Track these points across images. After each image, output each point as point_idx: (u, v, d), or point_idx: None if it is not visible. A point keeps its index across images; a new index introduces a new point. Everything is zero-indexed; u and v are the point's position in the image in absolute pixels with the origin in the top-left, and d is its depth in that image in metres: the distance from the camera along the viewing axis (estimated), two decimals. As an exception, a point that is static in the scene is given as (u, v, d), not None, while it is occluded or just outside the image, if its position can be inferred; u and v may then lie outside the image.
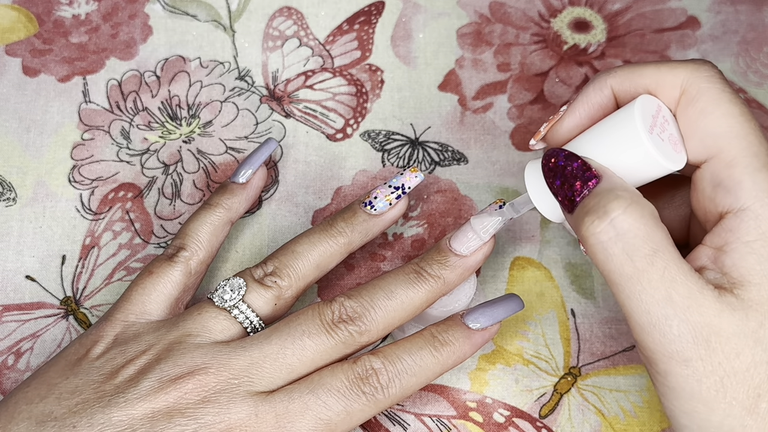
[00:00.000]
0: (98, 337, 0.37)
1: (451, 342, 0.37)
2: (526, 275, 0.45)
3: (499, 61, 0.50)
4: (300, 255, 0.40)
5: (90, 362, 0.36)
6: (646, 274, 0.31)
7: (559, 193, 0.34)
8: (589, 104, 0.37)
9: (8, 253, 0.44)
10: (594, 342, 0.43)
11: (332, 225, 0.41)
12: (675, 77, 0.34)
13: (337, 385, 0.36)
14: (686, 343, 0.31)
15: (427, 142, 0.48)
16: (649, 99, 0.35)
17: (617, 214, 0.32)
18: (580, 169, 0.34)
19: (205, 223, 0.41)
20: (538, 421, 0.42)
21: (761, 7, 0.52)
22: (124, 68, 0.49)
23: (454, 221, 0.46)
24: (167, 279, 0.39)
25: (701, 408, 0.32)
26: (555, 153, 0.35)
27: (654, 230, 0.32)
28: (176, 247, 0.40)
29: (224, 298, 0.38)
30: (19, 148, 0.47)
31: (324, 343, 0.37)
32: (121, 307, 0.38)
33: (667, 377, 0.32)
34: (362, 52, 0.50)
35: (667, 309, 0.31)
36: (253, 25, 0.51)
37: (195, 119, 0.48)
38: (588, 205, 0.33)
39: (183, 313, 0.38)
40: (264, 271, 0.39)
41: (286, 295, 0.39)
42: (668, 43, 0.51)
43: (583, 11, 0.51)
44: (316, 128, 0.48)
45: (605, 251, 0.32)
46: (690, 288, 0.31)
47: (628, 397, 0.42)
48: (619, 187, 0.33)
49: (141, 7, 0.51)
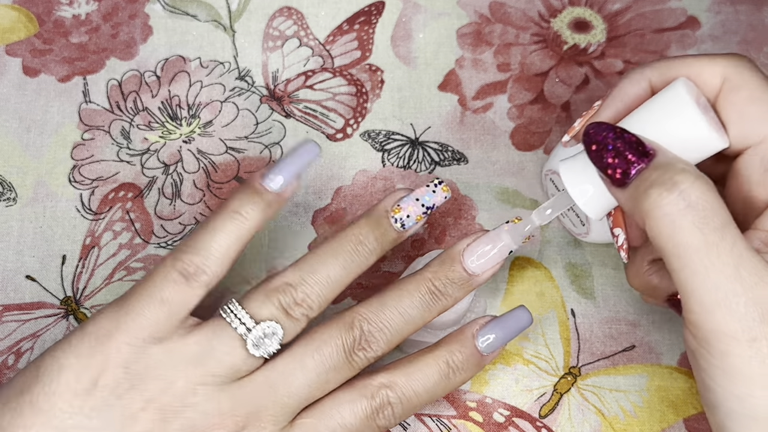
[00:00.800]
0: (104, 362, 0.34)
1: (464, 370, 0.38)
2: (526, 275, 0.45)
3: (499, 61, 0.50)
4: (334, 282, 0.37)
5: (103, 397, 0.34)
6: (716, 248, 0.30)
7: (610, 167, 0.33)
8: (627, 97, 0.36)
9: (8, 253, 0.44)
10: (594, 342, 0.44)
11: (364, 244, 0.38)
12: (715, 67, 0.35)
13: (355, 421, 0.36)
14: (753, 321, 0.30)
15: (427, 142, 0.48)
16: (690, 83, 0.35)
17: (686, 185, 0.31)
18: (635, 143, 0.33)
19: (230, 238, 0.36)
20: (538, 421, 0.42)
21: (761, 7, 0.52)
22: (125, 68, 0.49)
23: (454, 221, 0.46)
24: (183, 306, 0.35)
25: (758, 393, 0.30)
26: (602, 126, 0.33)
27: (721, 205, 0.31)
28: (195, 266, 0.35)
29: (258, 346, 0.35)
30: (19, 148, 0.47)
31: (344, 373, 0.37)
32: (125, 327, 0.35)
33: (725, 358, 0.31)
34: (362, 52, 0.50)
35: (736, 285, 0.30)
36: (253, 25, 0.51)
37: (195, 119, 0.48)
38: (650, 177, 0.32)
39: (199, 336, 0.35)
40: (294, 298, 0.36)
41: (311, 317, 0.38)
42: (668, 43, 0.51)
43: (583, 11, 0.51)
44: (316, 128, 0.48)
45: (673, 223, 0.31)
46: (756, 265, 0.30)
47: (628, 397, 0.42)
48: (680, 161, 0.32)
49: (141, 7, 0.51)
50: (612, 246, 0.45)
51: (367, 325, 0.37)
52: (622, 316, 0.44)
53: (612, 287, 0.45)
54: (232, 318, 0.35)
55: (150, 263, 0.44)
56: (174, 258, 0.36)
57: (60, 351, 0.35)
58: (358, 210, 0.46)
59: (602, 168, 0.33)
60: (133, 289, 0.36)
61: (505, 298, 0.44)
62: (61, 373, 0.34)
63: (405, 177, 0.47)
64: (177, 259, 0.36)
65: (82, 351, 0.34)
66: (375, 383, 0.37)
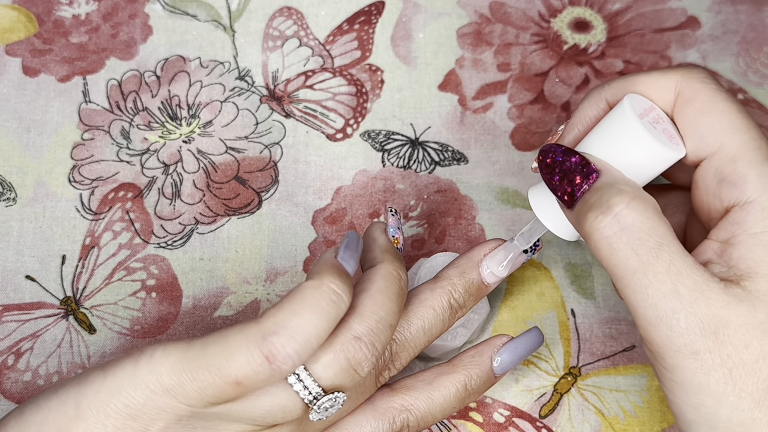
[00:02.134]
0: (157, 416, 0.32)
1: (478, 392, 0.38)
2: (526, 275, 0.45)
3: (499, 61, 0.50)
4: (393, 327, 0.35)
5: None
6: (652, 268, 0.31)
7: (559, 189, 0.34)
8: (587, 119, 0.37)
9: (8, 253, 0.44)
10: (594, 342, 0.43)
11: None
12: (668, 81, 0.35)
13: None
14: (694, 335, 0.31)
15: (427, 142, 0.48)
16: (639, 98, 0.35)
17: (621, 208, 0.31)
18: (579, 164, 0.33)
19: (328, 323, 0.31)
20: (538, 421, 0.42)
21: (761, 7, 0.52)
22: (124, 68, 0.49)
23: (454, 221, 0.46)
24: (253, 388, 0.31)
25: (710, 401, 0.31)
26: (552, 148, 0.34)
27: (658, 224, 0.32)
28: (287, 354, 0.30)
29: (319, 413, 0.33)
30: (19, 148, 0.47)
31: (369, 393, 0.37)
32: (189, 394, 0.31)
33: (675, 371, 0.32)
34: (362, 52, 0.50)
35: (674, 302, 0.31)
36: (253, 25, 0.51)
37: (195, 119, 0.48)
38: (590, 200, 0.33)
39: (261, 399, 0.32)
40: (364, 354, 0.33)
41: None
42: (668, 43, 0.51)
43: (583, 11, 0.51)
44: (316, 128, 0.48)
45: (609, 246, 0.32)
46: (696, 280, 0.31)
47: (628, 397, 0.42)
48: (620, 181, 0.33)
49: (141, 7, 0.51)
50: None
51: (396, 346, 0.37)
52: (622, 316, 0.44)
53: (612, 287, 0.45)
54: (295, 380, 0.32)
55: (150, 263, 0.44)
56: (262, 334, 0.31)
57: (106, 393, 0.32)
58: (358, 210, 0.46)
59: (552, 190, 0.34)
60: (205, 348, 0.31)
61: (505, 298, 0.44)
62: (108, 419, 0.31)
63: (405, 177, 0.47)
64: (264, 334, 0.30)
65: (134, 400, 0.31)
66: (396, 406, 0.37)
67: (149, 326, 0.43)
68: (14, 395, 0.41)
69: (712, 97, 0.34)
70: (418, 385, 0.38)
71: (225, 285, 0.44)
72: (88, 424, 0.31)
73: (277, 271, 0.45)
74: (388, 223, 0.38)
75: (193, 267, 0.44)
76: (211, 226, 0.45)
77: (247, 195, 0.46)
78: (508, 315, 0.44)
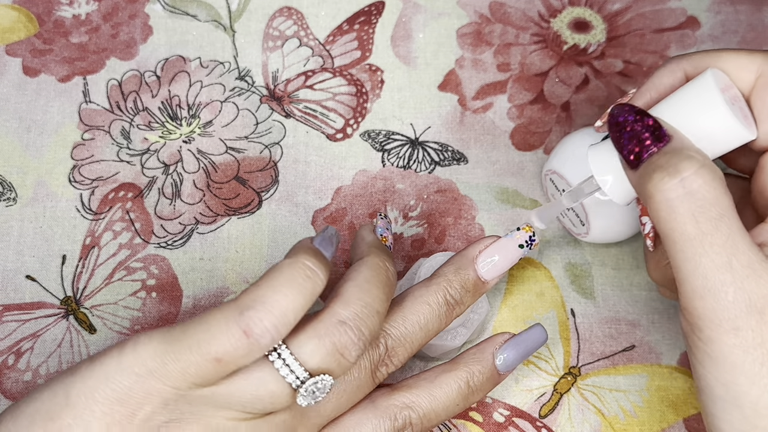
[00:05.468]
0: (143, 399, 0.32)
1: (482, 390, 0.38)
2: (526, 275, 0.45)
3: (499, 61, 0.50)
4: (382, 314, 0.35)
5: (138, 427, 0.32)
6: (710, 237, 0.31)
7: (626, 148, 0.33)
8: (661, 86, 0.36)
9: (8, 253, 0.44)
10: (594, 342, 0.44)
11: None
12: (752, 62, 0.35)
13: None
14: (739, 311, 0.31)
15: (427, 142, 0.48)
16: (720, 74, 0.35)
17: (689, 173, 0.31)
18: (652, 127, 0.33)
19: (305, 299, 0.32)
20: (538, 421, 0.42)
21: (761, 7, 0.52)
22: (125, 68, 0.49)
23: (454, 221, 0.46)
24: (234, 365, 0.32)
25: (742, 380, 0.31)
26: (626, 108, 0.34)
27: (723, 195, 0.31)
28: (264, 328, 0.31)
29: (307, 397, 0.33)
30: (19, 148, 0.47)
31: (367, 389, 0.37)
32: (172, 374, 0.32)
33: (712, 345, 0.31)
34: (362, 52, 0.50)
35: (726, 275, 0.31)
36: (253, 25, 0.51)
37: (195, 119, 0.48)
38: (657, 161, 0.32)
39: (246, 382, 0.32)
40: (350, 338, 0.33)
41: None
42: (668, 43, 0.51)
43: (582, 11, 0.51)
44: (316, 128, 0.48)
45: (671, 209, 0.31)
46: (751, 258, 0.31)
47: (627, 396, 0.42)
48: (691, 148, 0.32)
49: (141, 7, 0.51)
50: (612, 246, 0.45)
51: (391, 341, 0.37)
52: (622, 316, 0.44)
53: (612, 287, 0.45)
54: (280, 364, 0.32)
55: (150, 263, 0.44)
56: (238, 307, 0.31)
57: (94, 380, 0.32)
58: (358, 210, 0.46)
59: (619, 149, 0.34)
60: (185, 330, 0.32)
61: (506, 298, 0.44)
62: (95, 405, 0.32)
63: (405, 177, 0.47)
64: (242, 310, 0.31)
65: (121, 385, 0.32)
66: (398, 404, 0.37)
67: (149, 326, 0.43)
68: (15, 395, 0.41)
69: None
70: (420, 383, 0.37)
71: (225, 285, 0.44)
72: (77, 410, 0.32)
73: (277, 271, 0.45)
74: (377, 224, 0.39)
75: (194, 267, 0.45)
76: (211, 226, 0.45)
77: (247, 195, 0.46)
78: (508, 315, 0.44)
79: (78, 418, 0.32)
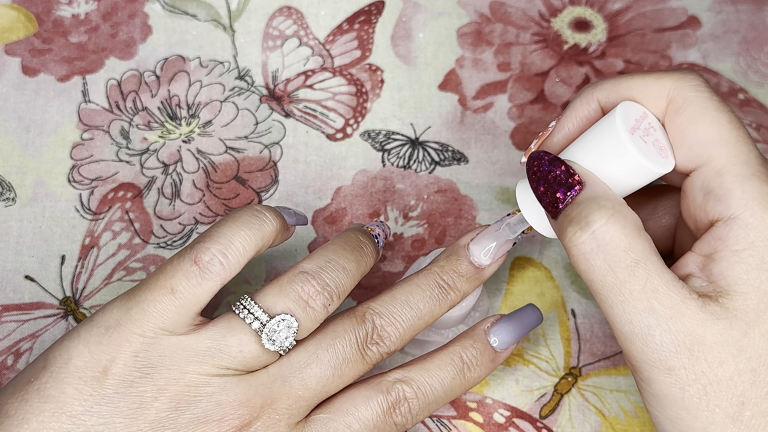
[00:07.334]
0: (115, 352, 0.34)
1: (478, 366, 0.38)
2: (527, 275, 0.45)
3: (500, 60, 0.50)
4: (349, 272, 0.37)
5: (113, 385, 0.33)
6: (628, 285, 0.31)
7: (543, 199, 0.34)
8: (577, 118, 0.37)
9: (7, 253, 0.44)
10: (594, 342, 0.43)
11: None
12: (661, 87, 0.34)
13: (372, 416, 0.36)
14: (669, 352, 0.31)
15: (427, 141, 0.48)
16: (633, 105, 0.35)
17: (599, 225, 0.32)
18: (564, 175, 0.33)
19: (254, 235, 0.35)
20: (538, 422, 0.42)
21: (762, 6, 0.52)
22: (124, 68, 0.49)
23: (454, 221, 0.46)
24: (193, 300, 0.34)
25: (684, 415, 0.32)
26: (539, 157, 0.34)
27: (636, 241, 0.32)
28: (212, 254, 0.34)
29: (273, 340, 0.35)
30: (18, 148, 0.47)
31: (359, 368, 0.36)
32: (135, 318, 0.34)
33: (651, 385, 0.32)
34: (362, 51, 0.50)
35: (649, 319, 0.31)
36: (253, 24, 0.51)
37: (195, 119, 0.48)
38: (571, 214, 0.33)
39: (212, 332, 0.34)
40: (313, 286, 0.35)
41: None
42: (669, 43, 0.50)
43: (583, 11, 0.51)
44: (316, 128, 0.48)
45: (587, 262, 0.32)
46: (673, 298, 0.31)
47: (628, 397, 0.42)
48: (602, 196, 0.33)
49: (140, 6, 0.51)
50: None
51: (379, 319, 0.37)
52: (623, 316, 0.44)
53: (612, 287, 0.45)
54: (245, 314, 0.35)
55: (149, 263, 0.44)
56: (189, 247, 0.35)
57: (68, 341, 0.34)
58: (358, 210, 0.46)
59: (538, 199, 0.34)
60: (144, 280, 0.35)
61: (506, 298, 0.44)
62: (70, 362, 0.34)
63: (405, 177, 0.47)
64: (192, 247, 0.35)
65: (92, 340, 0.34)
66: (390, 378, 0.37)
67: (149, 326, 0.43)
68: (13, 396, 0.41)
69: (702, 106, 0.33)
70: (413, 360, 0.38)
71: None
72: (53, 369, 0.34)
73: (277, 271, 0.45)
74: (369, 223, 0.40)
75: (193, 267, 0.44)
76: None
77: (247, 195, 0.46)
78: (508, 315, 0.44)
79: (53, 377, 0.33)
